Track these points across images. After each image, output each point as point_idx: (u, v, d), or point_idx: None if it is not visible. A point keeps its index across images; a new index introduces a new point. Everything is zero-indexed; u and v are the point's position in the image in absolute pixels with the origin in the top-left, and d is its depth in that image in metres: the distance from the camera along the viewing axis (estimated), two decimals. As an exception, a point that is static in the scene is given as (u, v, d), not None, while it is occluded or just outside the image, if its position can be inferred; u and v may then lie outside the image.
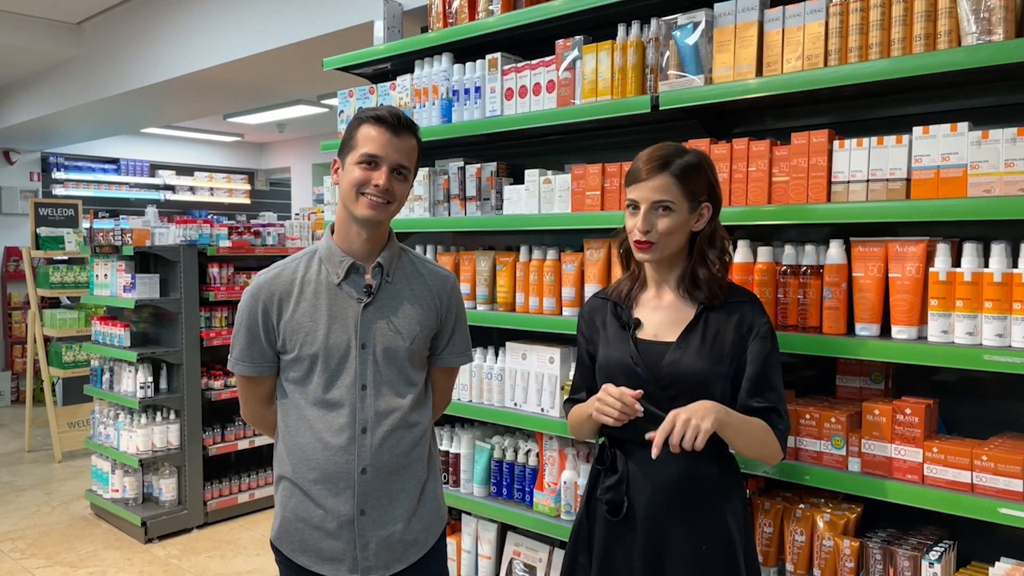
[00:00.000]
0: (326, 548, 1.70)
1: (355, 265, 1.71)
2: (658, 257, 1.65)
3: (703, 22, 2.02)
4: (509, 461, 2.54)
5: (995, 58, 1.60)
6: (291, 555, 1.74)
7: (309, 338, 1.68)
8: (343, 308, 1.69)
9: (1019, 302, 1.61)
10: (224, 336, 4.55)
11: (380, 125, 1.64)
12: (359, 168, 1.64)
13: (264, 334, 1.71)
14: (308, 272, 1.73)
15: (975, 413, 1.88)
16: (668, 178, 1.60)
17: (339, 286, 1.70)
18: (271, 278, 1.74)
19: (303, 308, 1.69)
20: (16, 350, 8.13)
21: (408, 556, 1.73)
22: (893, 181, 1.76)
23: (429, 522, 1.78)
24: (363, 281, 1.71)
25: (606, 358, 1.71)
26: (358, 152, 1.64)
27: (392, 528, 1.70)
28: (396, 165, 1.65)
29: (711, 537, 1.61)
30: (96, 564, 4.01)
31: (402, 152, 1.66)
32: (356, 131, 1.67)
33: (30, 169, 8.80)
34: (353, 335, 1.68)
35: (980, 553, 1.78)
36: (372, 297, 1.70)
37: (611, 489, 1.66)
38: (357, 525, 1.68)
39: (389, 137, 1.64)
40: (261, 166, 11.17)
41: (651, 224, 1.61)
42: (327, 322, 1.68)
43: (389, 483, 1.70)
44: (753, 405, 1.61)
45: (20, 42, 5.90)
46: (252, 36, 4.65)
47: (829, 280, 1.85)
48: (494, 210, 2.61)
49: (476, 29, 2.57)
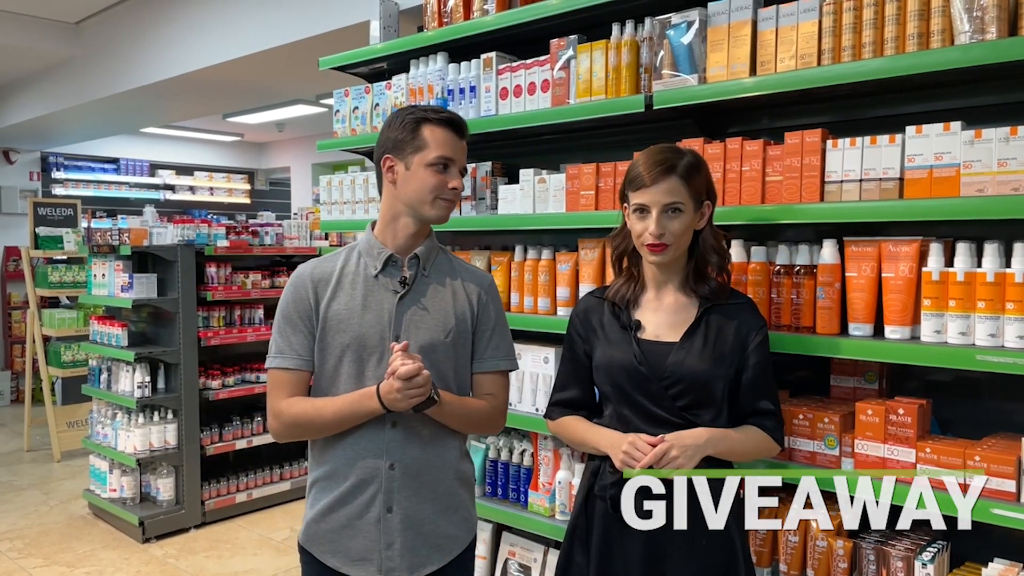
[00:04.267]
0: (355, 548, 1.67)
1: (392, 257, 1.71)
2: (670, 258, 1.67)
3: (697, 21, 2.01)
4: (504, 461, 2.53)
5: (988, 57, 1.59)
6: (321, 557, 1.70)
7: (343, 326, 1.67)
8: (378, 299, 1.69)
9: (1012, 302, 1.60)
10: (222, 336, 4.55)
11: (448, 128, 1.68)
12: (433, 171, 1.66)
13: (302, 322, 1.69)
14: (348, 264, 1.73)
15: (969, 413, 1.87)
16: (676, 180, 1.63)
17: (376, 277, 1.70)
18: (311, 268, 1.74)
19: (340, 297, 1.69)
20: (15, 349, 8.13)
21: (432, 561, 1.69)
22: (886, 181, 1.76)
23: (456, 531, 1.74)
24: (400, 273, 1.71)
25: (607, 359, 1.71)
26: (431, 155, 1.65)
27: (417, 529, 1.67)
28: (462, 168, 1.72)
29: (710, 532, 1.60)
30: (94, 564, 4.01)
31: (464, 152, 1.73)
32: (419, 131, 1.66)
33: (30, 169, 8.81)
34: (387, 327, 1.67)
35: (973, 554, 1.77)
36: (408, 288, 1.69)
37: (613, 485, 1.66)
38: (383, 523, 1.66)
39: (457, 140, 1.69)
40: (261, 166, 11.17)
41: (664, 227, 1.63)
42: (361, 312, 1.67)
43: (417, 481, 1.67)
44: (754, 408, 1.68)
45: (19, 42, 5.91)
46: (250, 35, 4.65)
47: (822, 280, 1.85)
48: (489, 210, 2.61)
49: (471, 28, 2.56)
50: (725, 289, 1.72)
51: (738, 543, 1.64)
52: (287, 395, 1.68)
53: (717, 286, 1.71)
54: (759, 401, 1.68)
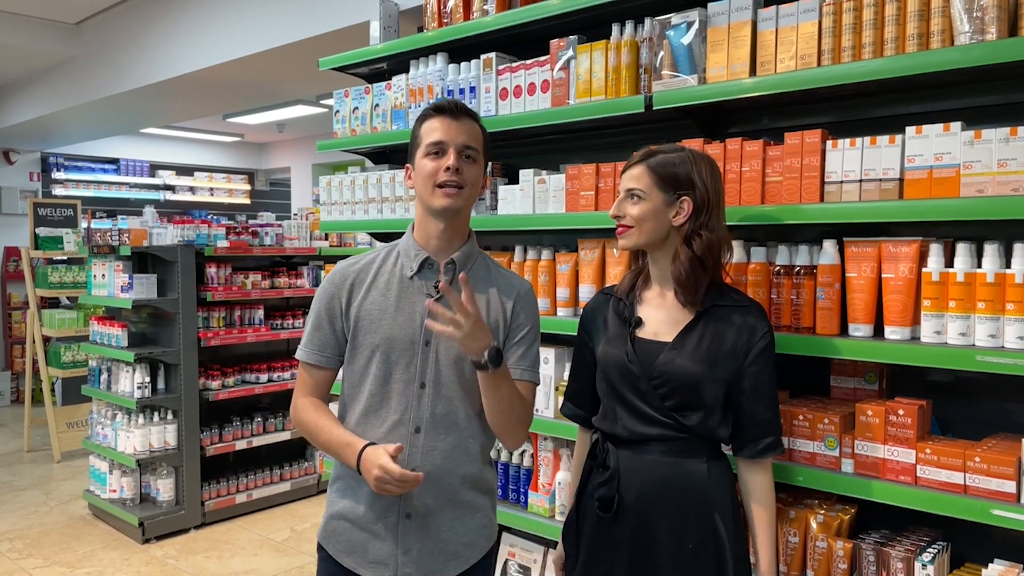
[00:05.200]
0: (372, 550, 1.66)
1: (429, 260, 1.69)
2: (633, 244, 1.70)
3: (697, 22, 2.01)
4: (504, 462, 2.53)
5: (988, 57, 1.59)
6: (336, 555, 1.70)
7: (374, 326, 1.66)
8: (411, 301, 1.67)
9: (1012, 303, 1.60)
10: (222, 336, 4.55)
11: (438, 114, 1.67)
12: (428, 160, 1.64)
13: (331, 320, 1.70)
14: (385, 264, 1.72)
15: (969, 414, 1.87)
16: (642, 168, 1.67)
17: (411, 279, 1.69)
18: (349, 264, 1.74)
19: (373, 296, 1.68)
20: (16, 350, 8.14)
21: (448, 568, 1.68)
22: (886, 181, 1.76)
23: (475, 538, 1.72)
24: (436, 276, 1.69)
25: (604, 355, 1.73)
26: (424, 144, 1.66)
27: (435, 537, 1.66)
28: (462, 147, 1.64)
29: (697, 536, 1.61)
30: (93, 564, 4.01)
31: (467, 134, 1.66)
32: (419, 129, 1.69)
33: (30, 169, 8.81)
34: (418, 330, 1.65)
35: (974, 555, 1.77)
36: (440, 295, 1.64)
37: (603, 485, 1.68)
38: (401, 528, 1.65)
39: (450, 122, 1.65)
40: (261, 166, 11.18)
41: (622, 210, 1.69)
42: (394, 313, 1.66)
43: (437, 489, 1.65)
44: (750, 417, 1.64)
45: (19, 42, 5.91)
46: (250, 36, 4.65)
47: (822, 280, 1.85)
48: (489, 210, 2.61)
49: (471, 29, 2.56)
50: (731, 291, 1.70)
51: (729, 547, 1.62)
52: (306, 389, 1.72)
53: (722, 287, 1.68)
54: (757, 410, 1.64)
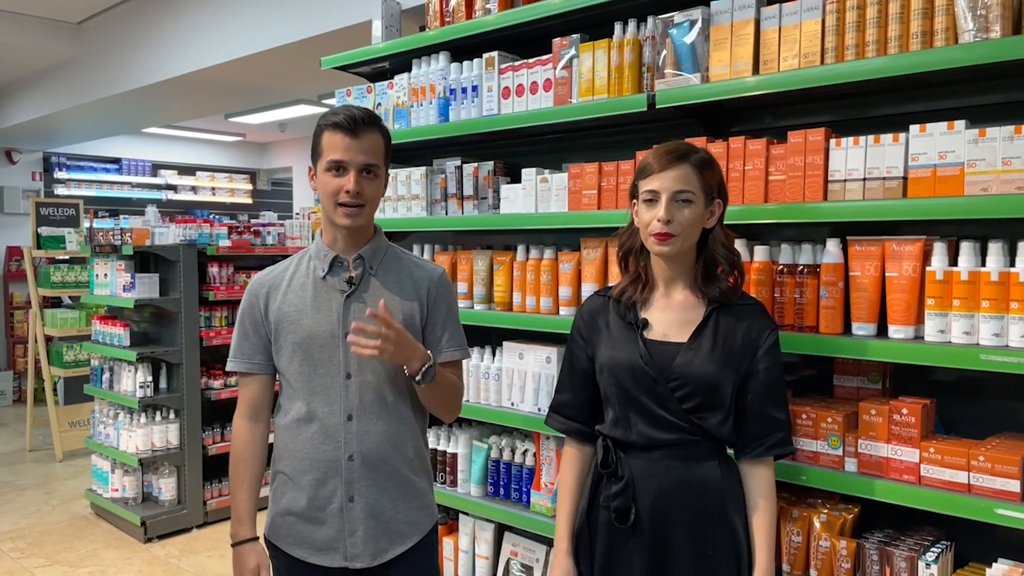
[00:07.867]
0: (320, 538, 1.74)
1: (338, 258, 1.77)
2: (676, 250, 1.61)
3: (699, 20, 2.01)
4: (506, 461, 2.53)
5: (992, 56, 1.58)
6: (288, 549, 1.78)
7: (293, 326, 1.75)
8: (327, 299, 1.76)
9: (1016, 301, 1.60)
10: (224, 336, 4.55)
11: (338, 131, 1.67)
12: (329, 176, 1.69)
13: (255, 327, 1.80)
14: (299, 269, 1.82)
15: (972, 413, 1.86)
16: (689, 168, 1.59)
17: (324, 279, 1.77)
18: (264, 274, 1.86)
19: (290, 298, 1.77)
20: (18, 349, 8.15)
21: (394, 546, 1.76)
22: (890, 180, 1.75)
23: (417, 517, 1.80)
24: (346, 273, 1.77)
25: (611, 359, 1.66)
26: (325, 159, 1.68)
27: (378, 517, 1.74)
28: (362, 166, 1.68)
29: (718, 539, 1.59)
30: (96, 563, 4.01)
31: (367, 151, 1.68)
32: (320, 138, 1.71)
33: (32, 169, 8.82)
34: (337, 325, 1.73)
35: (977, 554, 1.77)
36: (354, 288, 1.75)
37: (617, 496, 1.62)
38: (345, 512, 1.73)
39: (349, 141, 1.66)
40: (263, 166, 11.18)
41: (673, 214, 1.57)
42: (312, 311, 1.75)
43: (376, 471, 1.74)
44: (763, 416, 1.62)
45: (21, 42, 5.91)
46: (251, 35, 4.65)
47: (826, 279, 1.84)
48: (491, 209, 2.60)
49: (473, 28, 2.56)
50: (736, 291, 1.68)
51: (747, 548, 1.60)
52: (244, 404, 1.84)
53: (728, 287, 1.66)
54: (768, 409, 1.61)
